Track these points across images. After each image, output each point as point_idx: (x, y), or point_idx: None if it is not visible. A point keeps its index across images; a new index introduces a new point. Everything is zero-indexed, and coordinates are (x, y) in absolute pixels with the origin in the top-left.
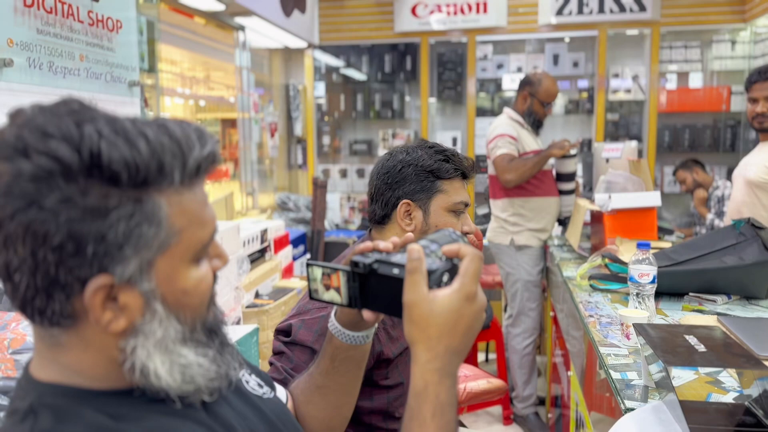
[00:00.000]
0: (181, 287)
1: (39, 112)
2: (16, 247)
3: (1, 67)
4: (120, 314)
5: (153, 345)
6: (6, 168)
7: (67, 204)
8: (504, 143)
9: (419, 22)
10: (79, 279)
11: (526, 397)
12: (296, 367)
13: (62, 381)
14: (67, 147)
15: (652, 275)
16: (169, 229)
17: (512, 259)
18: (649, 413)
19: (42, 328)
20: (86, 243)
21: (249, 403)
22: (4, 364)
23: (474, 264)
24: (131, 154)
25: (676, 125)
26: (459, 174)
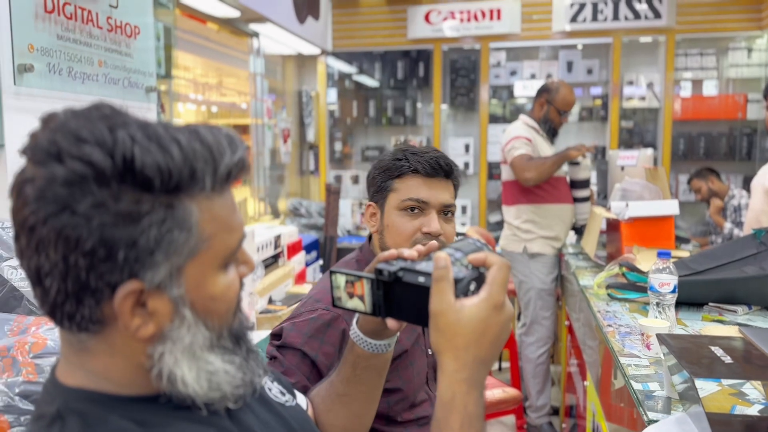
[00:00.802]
0: (210, 293)
1: (72, 117)
2: (48, 252)
3: (22, 72)
4: (149, 320)
5: (181, 351)
6: (39, 172)
7: (100, 209)
8: (520, 144)
9: (432, 29)
10: (110, 284)
11: (540, 407)
12: (287, 371)
13: (89, 386)
14: (101, 152)
15: (672, 284)
16: (199, 235)
17: (525, 267)
18: (673, 425)
19: (70, 333)
20: (118, 248)
21: (272, 410)
22: (25, 368)
23: (502, 273)
24: (164, 159)
25: (691, 133)
26: (411, 171)
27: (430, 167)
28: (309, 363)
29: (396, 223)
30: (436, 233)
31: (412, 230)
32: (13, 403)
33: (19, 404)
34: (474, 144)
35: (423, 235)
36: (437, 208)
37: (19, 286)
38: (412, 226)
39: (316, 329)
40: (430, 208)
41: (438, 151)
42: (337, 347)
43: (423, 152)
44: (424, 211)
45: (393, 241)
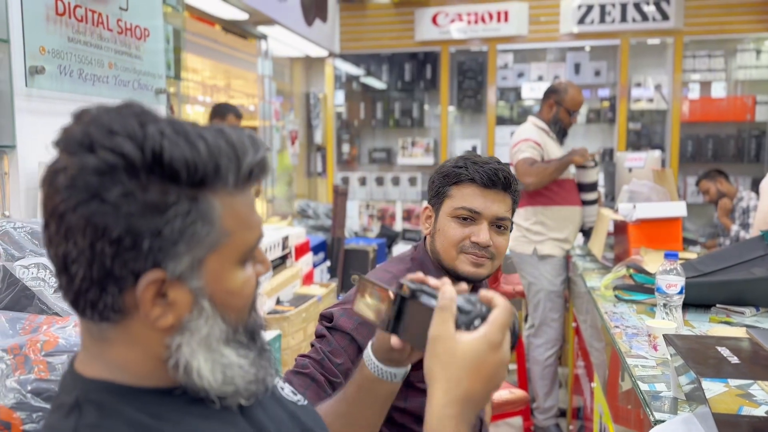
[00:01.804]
0: (228, 287)
1: (104, 112)
2: (76, 239)
3: (33, 74)
4: (168, 310)
5: (197, 343)
6: (71, 162)
7: (128, 198)
8: (527, 147)
9: (440, 31)
10: (133, 272)
11: (547, 409)
12: (334, 351)
13: (106, 377)
14: (132, 144)
15: (680, 286)
16: (220, 230)
17: (535, 269)
18: (680, 425)
19: (91, 322)
20: (143, 237)
21: (285, 408)
22: (37, 366)
23: (503, 315)
24: (191, 153)
25: (699, 135)
26: (469, 180)
27: (487, 178)
28: (356, 348)
29: (446, 228)
30: (485, 244)
31: (461, 237)
32: (26, 401)
33: (32, 401)
34: (481, 146)
35: (471, 244)
36: (489, 219)
37: (31, 285)
38: (461, 234)
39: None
40: (482, 218)
41: (500, 163)
42: None
43: (484, 162)
44: (476, 221)
45: (442, 246)
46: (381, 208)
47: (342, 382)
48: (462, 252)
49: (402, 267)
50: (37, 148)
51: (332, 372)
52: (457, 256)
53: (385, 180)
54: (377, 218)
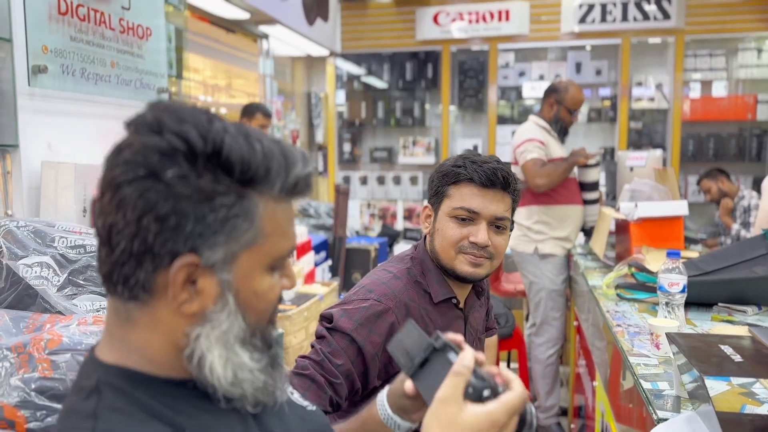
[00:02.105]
0: (254, 288)
1: (179, 105)
2: (126, 211)
3: (36, 73)
4: (195, 297)
5: (216, 337)
6: (137, 139)
7: (182, 180)
8: (533, 147)
9: (441, 30)
10: (171, 252)
11: (549, 408)
12: (334, 352)
13: (126, 364)
14: (197, 132)
15: (682, 284)
16: (258, 230)
17: (536, 268)
18: (683, 423)
19: (119, 300)
20: (188, 220)
21: (295, 413)
22: (41, 365)
23: (515, 400)
24: (247, 152)
25: (700, 134)
26: (467, 179)
27: (486, 177)
28: (356, 349)
29: (445, 228)
30: (483, 244)
31: (459, 237)
32: (30, 399)
33: (36, 400)
34: (482, 145)
35: (470, 244)
36: (488, 219)
37: (34, 284)
38: (459, 234)
39: (367, 318)
40: (481, 218)
41: (500, 163)
42: (384, 338)
43: (483, 162)
44: (475, 221)
45: (440, 246)
46: (382, 208)
47: (342, 382)
48: (461, 252)
49: (401, 267)
50: (40, 147)
51: (332, 373)
52: (455, 256)
53: (386, 179)
54: (378, 217)
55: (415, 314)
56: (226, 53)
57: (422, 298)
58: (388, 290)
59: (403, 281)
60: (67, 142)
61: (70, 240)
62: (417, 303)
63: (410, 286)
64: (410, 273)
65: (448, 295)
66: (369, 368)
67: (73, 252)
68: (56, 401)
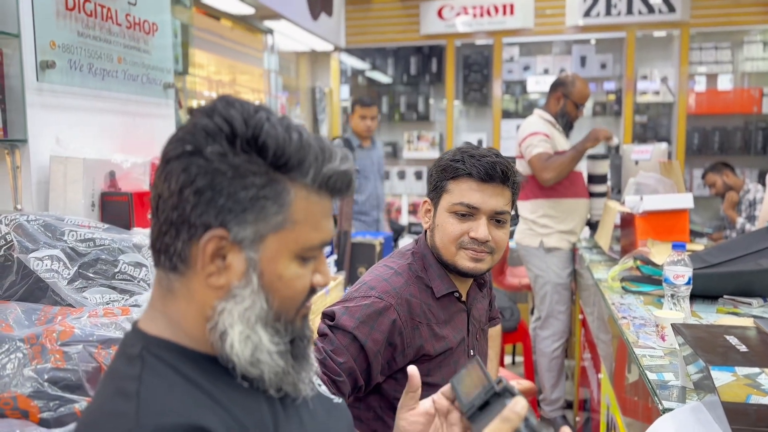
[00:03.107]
0: (279, 272)
1: (236, 98)
2: (171, 182)
3: (44, 68)
4: (223, 272)
5: (238, 313)
6: (192, 121)
7: (220, 157)
8: (538, 141)
9: (445, 25)
10: (204, 224)
11: (554, 401)
12: (336, 350)
13: (166, 336)
14: (241, 118)
15: (687, 276)
16: (288, 215)
17: (542, 262)
18: (688, 414)
19: (162, 271)
20: (221, 194)
21: (323, 405)
22: (53, 356)
23: None
24: (283, 139)
25: (705, 127)
26: (466, 174)
27: (485, 172)
28: (358, 346)
29: (445, 224)
30: (483, 239)
31: (459, 233)
32: (43, 389)
33: (48, 390)
34: (487, 140)
35: (470, 239)
36: (487, 214)
37: (45, 277)
38: (459, 229)
39: (368, 316)
40: (481, 213)
41: (498, 156)
42: (386, 336)
43: (481, 156)
44: (474, 216)
45: (441, 242)
46: (387, 202)
47: (344, 380)
48: (461, 248)
49: (402, 262)
50: (48, 141)
51: (334, 371)
52: (456, 252)
53: (390, 174)
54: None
55: (417, 310)
56: (231, 49)
57: (424, 293)
58: (389, 287)
59: (405, 277)
60: (75, 137)
61: (80, 233)
62: (418, 298)
63: (412, 282)
64: (411, 268)
65: (450, 290)
66: (372, 365)
67: (82, 245)
68: (69, 391)
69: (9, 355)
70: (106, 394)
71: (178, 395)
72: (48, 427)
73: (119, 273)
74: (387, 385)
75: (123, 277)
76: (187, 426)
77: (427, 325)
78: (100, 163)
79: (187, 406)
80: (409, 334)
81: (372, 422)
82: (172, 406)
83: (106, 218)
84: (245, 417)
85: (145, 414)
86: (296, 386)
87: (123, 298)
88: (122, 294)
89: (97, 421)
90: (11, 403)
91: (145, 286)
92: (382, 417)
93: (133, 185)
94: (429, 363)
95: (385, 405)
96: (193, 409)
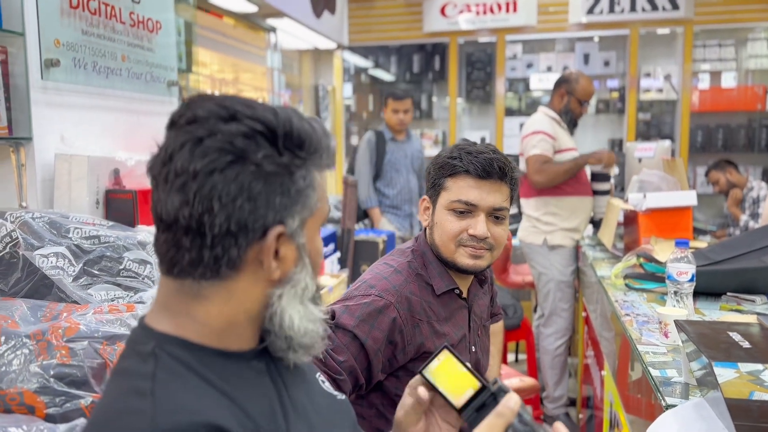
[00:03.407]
0: (317, 247)
1: (221, 95)
2: (220, 195)
3: (48, 66)
4: (279, 264)
5: (294, 294)
6: (221, 128)
7: (268, 159)
8: (539, 141)
9: (448, 22)
10: (263, 227)
11: (557, 398)
12: (336, 348)
13: (180, 334)
14: (270, 114)
15: (690, 273)
16: (317, 196)
17: (545, 259)
18: (691, 410)
19: (190, 279)
20: (275, 194)
21: (326, 400)
22: (59, 352)
23: None
24: (309, 130)
25: (709, 125)
26: (463, 171)
27: (482, 169)
28: (358, 345)
29: (443, 222)
30: (482, 236)
31: (459, 230)
32: (49, 385)
33: (55, 386)
34: (490, 137)
35: (469, 236)
36: (486, 211)
37: (50, 274)
38: (458, 227)
39: (368, 314)
40: (479, 210)
41: (495, 152)
42: (386, 334)
43: (478, 152)
44: (473, 213)
45: (440, 240)
46: None
47: (345, 378)
48: (460, 245)
49: (402, 260)
50: (53, 139)
51: (335, 370)
52: (455, 249)
53: None
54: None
55: (417, 308)
56: (234, 47)
57: (424, 290)
58: (389, 285)
59: (404, 275)
60: (79, 135)
61: (85, 231)
62: (418, 296)
63: (411, 280)
64: (411, 266)
65: (450, 287)
66: (372, 363)
67: (87, 243)
68: (74, 387)
69: (15, 351)
70: (119, 393)
71: (192, 393)
72: (54, 423)
73: (124, 270)
74: (388, 382)
75: (128, 274)
76: (203, 424)
77: (428, 322)
78: (105, 161)
79: (202, 403)
80: (410, 332)
81: (374, 419)
82: (187, 404)
83: (110, 216)
84: (258, 414)
85: (161, 413)
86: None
87: (128, 295)
88: (127, 291)
89: (111, 419)
90: (17, 398)
91: (149, 282)
92: (384, 414)
93: (138, 183)
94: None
95: (386, 402)
96: (208, 407)
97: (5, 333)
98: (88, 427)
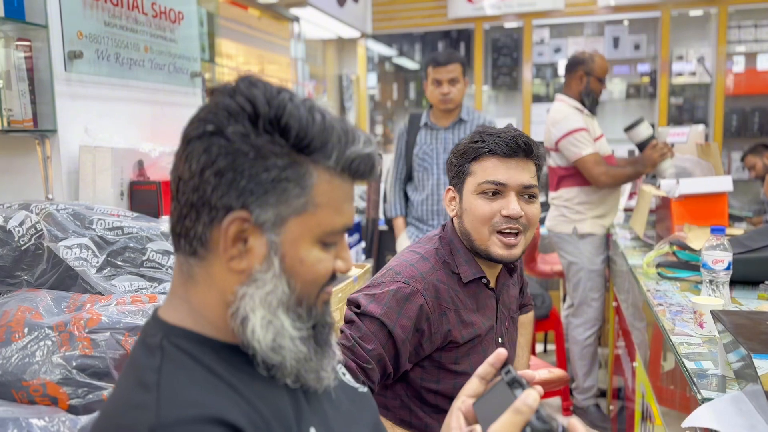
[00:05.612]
0: (301, 256)
1: (258, 78)
2: (191, 163)
3: (72, 58)
4: (244, 255)
5: (259, 298)
6: (217, 100)
7: (242, 138)
8: (585, 140)
9: (473, 8)
10: (225, 207)
11: (587, 389)
12: (364, 336)
13: (186, 325)
14: (264, 98)
15: (726, 261)
16: (310, 198)
17: (575, 248)
18: (728, 403)
19: (182, 256)
20: (242, 176)
21: (347, 395)
22: (81, 343)
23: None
24: (306, 121)
25: (744, 108)
26: (488, 152)
27: (507, 147)
28: (386, 332)
29: (474, 206)
30: (516, 215)
31: (491, 213)
32: (71, 376)
33: (77, 377)
34: (516, 124)
35: (503, 218)
36: (516, 189)
37: (74, 265)
38: (490, 209)
39: (396, 301)
40: (509, 190)
41: (516, 130)
42: (413, 321)
43: (500, 132)
44: (503, 193)
45: (472, 226)
46: None
47: (374, 367)
48: (494, 230)
49: (429, 247)
50: (77, 131)
51: (363, 358)
52: (489, 236)
53: None
54: None
55: (445, 295)
56: (259, 38)
57: (451, 278)
58: (415, 272)
59: (431, 262)
60: (103, 127)
61: (108, 222)
62: (446, 284)
63: (438, 267)
64: (438, 253)
65: (478, 275)
66: (400, 351)
67: (111, 234)
68: (97, 378)
69: (38, 343)
70: (127, 385)
71: (198, 387)
72: (77, 414)
73: (147, 261)
74: (414, 373)
75: (151, 265)
76: (208, 418)
77: (455, 311)
78: (129, 152)
79: (209, 397)
80: (437, 320)
81: (398, 410)
82: (193, 397)
83: (134, 207)
84: (266, 408)
85: (165, 406)
86: (318, 374)
87: (151, 286)
88: (150, 282)
89: (118, 412)
90: (41, 390)
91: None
92: (408, 405)
93: (162, 174)
94: (457, 350)
95: (411, 393)
96: (214, 401)
97: (29, 324)
98: (97, 420)
